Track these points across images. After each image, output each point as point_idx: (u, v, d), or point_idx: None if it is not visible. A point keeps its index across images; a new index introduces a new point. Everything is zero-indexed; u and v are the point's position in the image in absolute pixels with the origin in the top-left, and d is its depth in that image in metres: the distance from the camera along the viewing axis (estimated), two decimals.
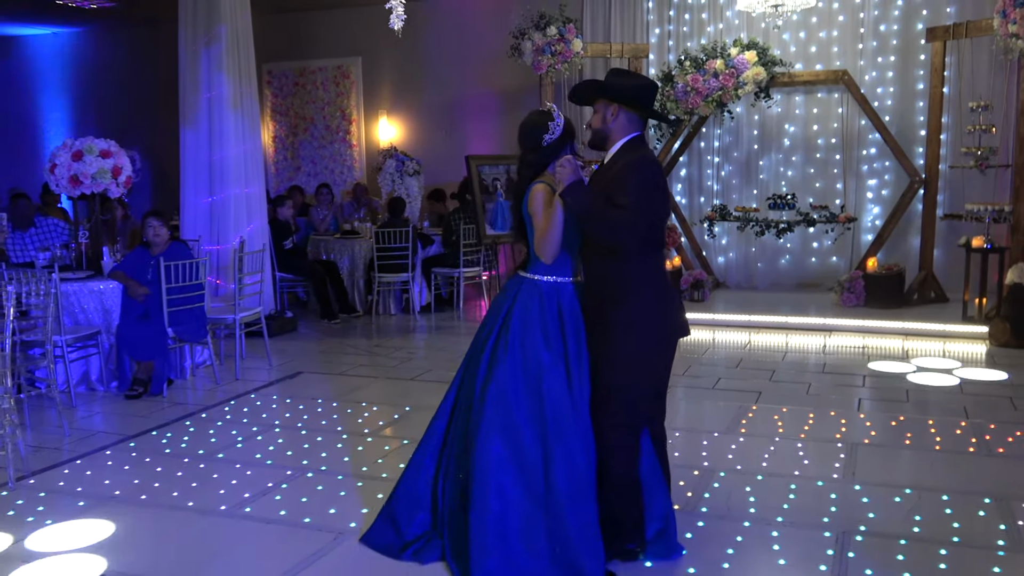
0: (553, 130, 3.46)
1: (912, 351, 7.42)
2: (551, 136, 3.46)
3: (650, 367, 3.44)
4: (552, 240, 3.34)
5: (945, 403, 5.91)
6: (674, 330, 3.50)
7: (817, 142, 9.74)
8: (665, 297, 3.44)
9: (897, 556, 3.60)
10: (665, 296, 3.44)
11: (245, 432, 5.43)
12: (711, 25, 9.94)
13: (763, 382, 6.47)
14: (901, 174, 9.16)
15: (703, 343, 7.93)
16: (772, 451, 4.91)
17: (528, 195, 3.44)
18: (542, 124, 3.48)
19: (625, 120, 3.43)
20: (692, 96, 9.01)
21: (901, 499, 4.19)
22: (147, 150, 12.42)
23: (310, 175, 12.28)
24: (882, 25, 9.36)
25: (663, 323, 3.43)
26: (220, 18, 7.96)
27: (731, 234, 10.06)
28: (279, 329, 8.38)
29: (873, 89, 9.35)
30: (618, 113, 3.43)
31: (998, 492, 4.26)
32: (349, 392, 6.34)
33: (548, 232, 3.33)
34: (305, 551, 3.73)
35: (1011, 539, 3.76)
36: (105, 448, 5.16)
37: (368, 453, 5.00)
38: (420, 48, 11.13)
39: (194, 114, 8.06)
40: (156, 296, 6.28)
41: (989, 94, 8.54)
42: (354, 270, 9.51)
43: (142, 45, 12.67)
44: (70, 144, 6.65)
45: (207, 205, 8.10)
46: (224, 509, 4.22)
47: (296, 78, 12.27)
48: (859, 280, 8.78)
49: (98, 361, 6.43)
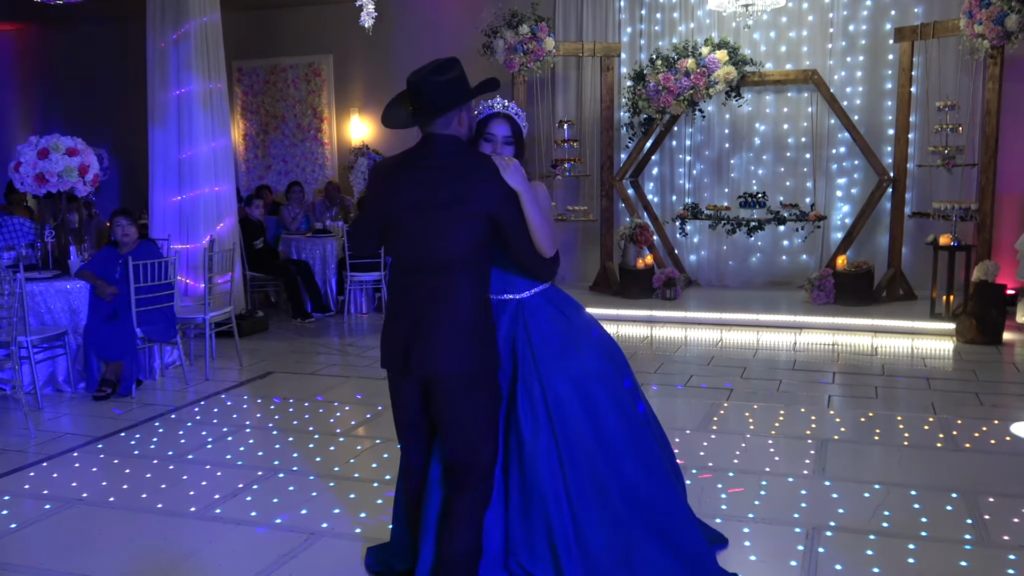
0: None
1: (881, 348, 7.50)
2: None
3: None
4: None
5: (913, 399, 5.99)
6: (384, 359, 3.02)
7: (787, 141, 9.81)
8: (388, 319, 3.02)
9: (867, 551, 3.64)
10: (388, 318, 3.02)
11: (215, 433, 5.38)
12: (682, 24, 9.98)
13: (734, 379, 6.51)
14: (870, 173, 9.25)
15: (675, 341, 7.97)
16: (743, 448, 4.94)
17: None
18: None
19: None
20: (664, 95, 9.05)
21: (870, 495, 4.23)
22: (115, 148, 12.27)
23: (281, 173, 12.19)
24: (851, 25, 9.45)
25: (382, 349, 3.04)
26: (189, 14, 7.88)
27: (703, 232, 10.12)
28: (250, 329, 8.31)
29: (842, 88, 9.44)
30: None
31: (965, 487, 4.32)
32: (321, 392, 6.30)
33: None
34: (277, 552, 3.70)
35: (978, 533, 3.81)
36: (72, 450, 5.09)
37: (340, 453, 4.97)
38: (391, 46, 11.09)
39: (163, 112, 7.98)
40: (124, 296, 6.20)
41: (956, 94, 8.65)
42: (326, 269, 9.46)
43: (110, 42, 12.50)
44: (35, 142, 6.55)
45: (176, 204, 8.02)
46: (194, 511, 4.18)
47: (267, 75, 12.16)
48: (829, 278, 8.86)
49: (65, 362, 6.35)
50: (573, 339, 3.15)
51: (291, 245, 9.59)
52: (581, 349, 3.15)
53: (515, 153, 3.12)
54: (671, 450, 3.53)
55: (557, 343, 3.12)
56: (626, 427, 3.13)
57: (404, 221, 2.91)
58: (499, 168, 2.90)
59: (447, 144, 2.91)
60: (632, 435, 3.14)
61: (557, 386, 3.07)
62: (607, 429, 3.10)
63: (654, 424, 3.40)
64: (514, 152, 3.12)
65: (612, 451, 3.09)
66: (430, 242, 2.87)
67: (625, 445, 3.11)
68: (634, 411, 3.21)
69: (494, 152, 3.05)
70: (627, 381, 3.27)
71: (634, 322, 8.71)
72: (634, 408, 3.22)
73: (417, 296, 2.91)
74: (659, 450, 3.27)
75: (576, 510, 3.04)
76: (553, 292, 3.24)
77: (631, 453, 3.12)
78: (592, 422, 3.09)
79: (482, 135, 3.10)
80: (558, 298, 3.24)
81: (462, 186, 2.86)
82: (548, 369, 3.08)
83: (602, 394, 3.12)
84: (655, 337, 8.14)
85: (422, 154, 2.93)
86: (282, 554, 3.69)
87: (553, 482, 3.03)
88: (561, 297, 3.26)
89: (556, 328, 3.14)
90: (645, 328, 8.50)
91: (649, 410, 3.39)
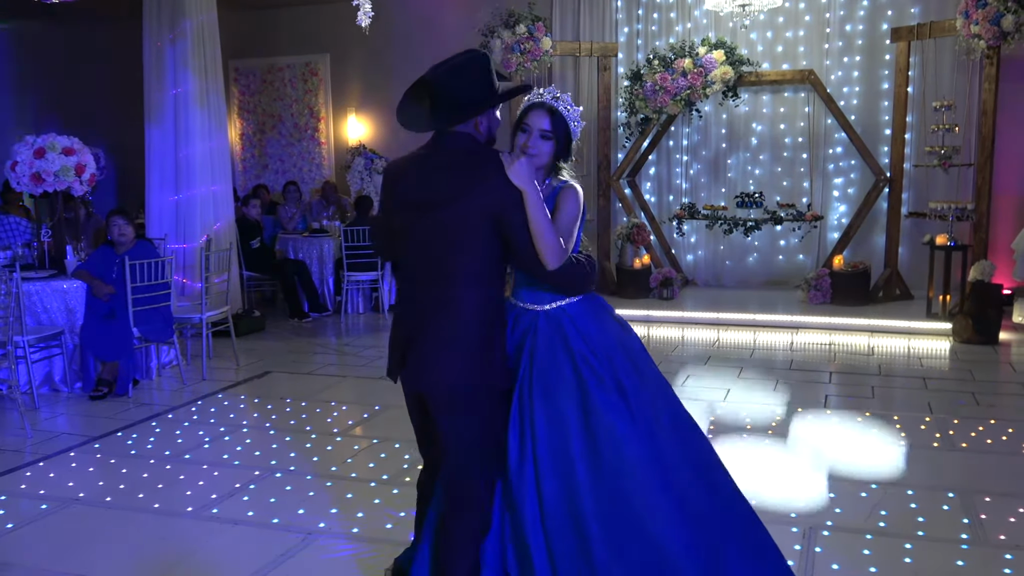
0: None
1: (878, 348, 7.51)
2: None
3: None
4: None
5: (910, 399, 5.99)
6: (391, 371, 2.90)
7: (784, 141, 9.82)
8: (391, 326, 2.91)
9: (863, 551, 3.64)
10: (392, 325, 2.91)
11: (212, 433, 5.38)
12: (679, 24, 9.98)
13: (731, 379, 6.52)
14: (866, 173, 9.26)
15: (672, 341, 7.97)
16: (740, 448, 4.94)
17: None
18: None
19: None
20: (661, 95, 9.05)
21: (867, 494, 4.24)
22: (111, 147, 12.23)
23: (278, 173, 12.17)
24: (848, 25, 9.45)
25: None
26: (185, 14, 7.86)
27: (700, 232, 10.12)
28: (247, 329, 8.30)
29: (839, 88, 9.45)
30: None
31: (961, 486, 4.32)
32: (318, 391, 6.30)
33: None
34: (273, 552, 3.70)
35: (974, 533, 3.82)
36: (69, 450, 5.08)
37: (337, 453, 4.97)
38: (389, 45, 11.07)
39: (159, 111, 7.96)
40: (121, 295, 6.20)
41: (952, 94, 8.66)
42: (323, 268, 9.46)
43: (106, 41, 12.48)
44: (32, 141, 6.54)
45: (173, 203, 8.01)
46: (191, 511, 4.17)
47: (263, 75, 12.15)
48: (826, 278, 8.87)
49: (61, 362, 6.33)
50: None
51: (288, 245, 9.58)
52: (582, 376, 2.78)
53: (556, 151, 2.82)
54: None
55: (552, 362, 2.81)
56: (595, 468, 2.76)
57: (407, 223, 2.74)
58: (504, 165, 2.66)
59: (456, 141, 2.73)
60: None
61: (538, 412, 2.78)
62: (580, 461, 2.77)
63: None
64: (553, 150, 2.81)
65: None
66: (433, 249, 2.70)
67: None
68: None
69: (525, 144, 2.79)
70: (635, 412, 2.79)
71: (631, 322, 8.62)
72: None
73: (417, 307, 2.76)
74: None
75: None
76: (580, 307, 2.87)
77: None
78: (568, 455, 2.75)
79: (520, 125, 2.84)
80: (584, 311, 2.88)
81: (463, 184, 2.67)
82: (536, 393, 2.78)
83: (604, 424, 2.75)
84: (652, 337, 8.15)
85: (431, 152, 2.77)
86: (279, 554, 3.68)
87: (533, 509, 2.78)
88: (590, 310, 2.90)
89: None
90: (642, 328, 8.50)
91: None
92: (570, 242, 2.76)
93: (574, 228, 2.79)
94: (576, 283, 2.82)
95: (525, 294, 2.88)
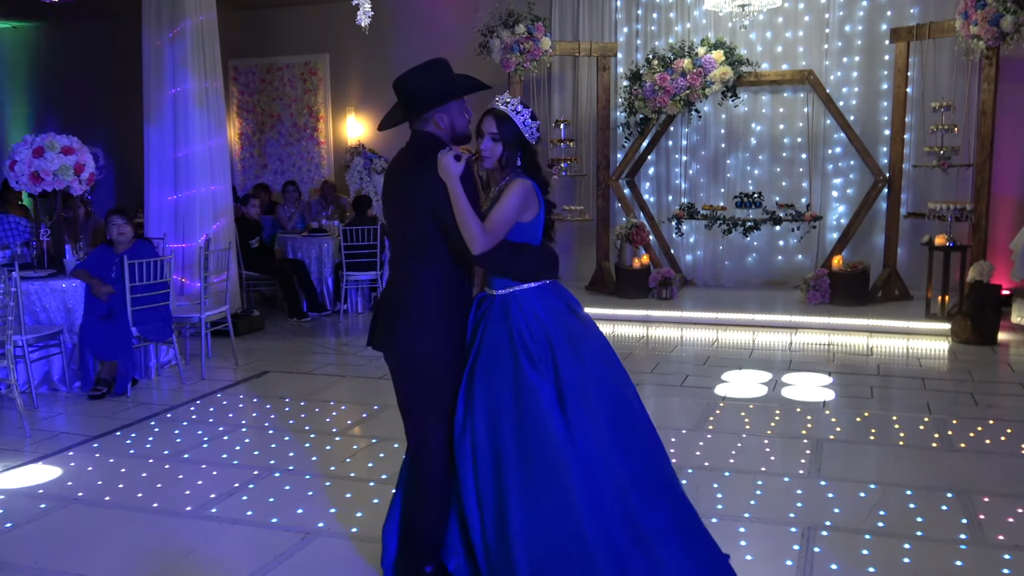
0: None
1: (877, 348, 7.52)
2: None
3: None
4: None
5: (909, 399, 6.00)
6: (368, 339, 3.23)
7: (783, 141, 9.82)
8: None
9: (862, 551, 3.64)
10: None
11: (211, 432, 5.38)
12: (679, 24, 9.98)
13: (730, 379, 6.51)
14: (866, 173, 9.26)
15: (671, 340, 7.98)
16: (739, 448, 4.95)
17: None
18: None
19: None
20: (660, 95, 9.05)
21: (866, 494, 4.24)
22: (110, 147, 12.24)
23: (277, 173, 12.17)
24: (847, 26, 9.46)
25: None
26: (184, 13, 7.86)
27: (699, 232, 10.12)
28: (246, 328, 8.30)
29: (838, 89, 9.45)
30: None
31: (960, 487, 4.33)
32: (316, 391, 6.30)
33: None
34: (272, 551, 3.70)
35: (973, 533, 3.82)
36: (68, 449, 5.08)
37: (336, 452, 4.97)
38: (388, 45, 11.07)
39: (158, 111, 7.96)
40: (120, 295, 6.19)
41: (951, 94, 8.66)
42: (322, 268, 9.46)
43: (105, 40, 12.47)
44: (31, 140, 6.53)
45: (172, 203, 8.00)
46: (190, 510, 4.17)
47: (263, 75, 12.15)
48: (824, 278, 8.87)
49: (60, 361, 6.33)
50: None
51: (287, 244, 9.58)
52: (510, 365, 2.98)
53: (505, 153, 3.08)
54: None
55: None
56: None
57: (384, 212, 3.17)
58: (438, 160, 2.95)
59: (418, 139, 3.06)
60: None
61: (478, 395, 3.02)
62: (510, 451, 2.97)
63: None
64: (502, 151, 3.08)
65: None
66: (397, 235, 3.10)
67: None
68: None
69: (478, 146, 3.10)
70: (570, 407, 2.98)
71: (630, 322, 8.72)
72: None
73: (391, 283, 3.15)
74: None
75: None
76: (530, 292, 3.07)
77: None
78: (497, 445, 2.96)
79: (477, 130, 3.14)
80: (532, 296, 3.07)
81: (410, 180, 3.01)
82: (478, 369, 3.02)
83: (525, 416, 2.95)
84: (651, 337, 8.15)
85: (402, 151, 3.12)
86: (278, 553, 3.68)
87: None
88: (538, 295, 3.08)
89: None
90: (641, 328, 8.50)
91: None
92: (499, 230, 2.97)
93: (507, 218, 2.99)
94: (510, 269, 3.06)
95: (493, 281, 3.13)
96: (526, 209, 3.05)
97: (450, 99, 3.04)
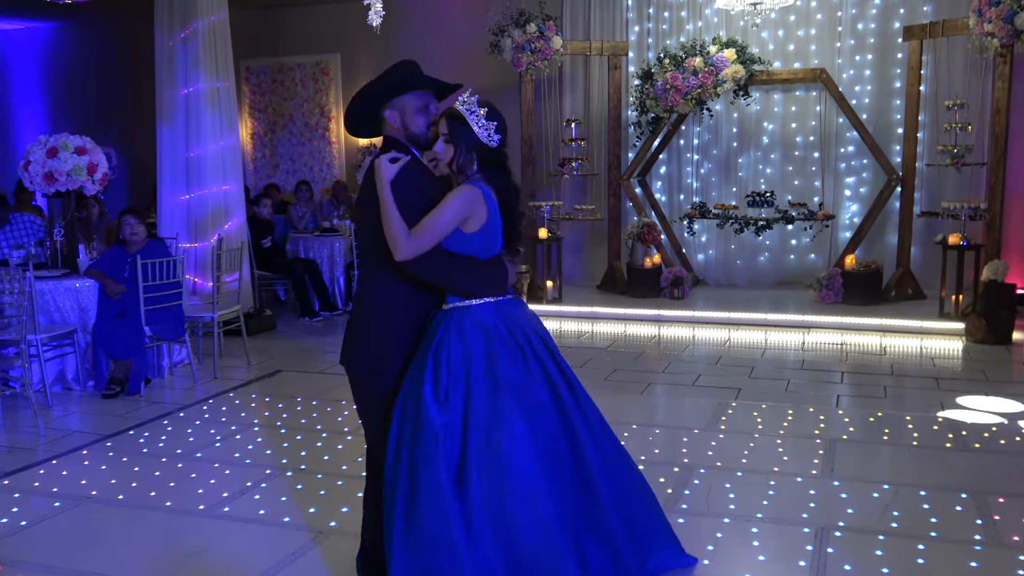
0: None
1: (890, 347, 7.48)
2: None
3: None
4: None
5: (922, 399, 5.96)
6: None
7: (795, 140, 9.78)
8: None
9: (875, 551, 3.63)
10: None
11: (224, 431, 5.39)
12: (690, 23, 9.96)
13: (742, 379, 6.50)
14: (878, 172, 9.22)
15: (683, 340, 7.96)
16: (751, 448, 4.93)
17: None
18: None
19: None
20: (671, 94, 9.03)
21: (879, 495, 4.22)
22: (123, 147, 12.28)
23: (288, 172, 12.20)
24: (859, 24, 9.41)
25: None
26: (197, 13, 7.89)
27: (710, 231, 10.10)
28: (258, 327, 8.33)
29: (851, 87, 9.41)
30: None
31: (974, 487, 4.30)
32: (328, 390, 6.31)
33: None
34: (285, 550, 3.71)
35: (987, 534, 3.80)
36: (81, 448, 5.10)
37: (348, 451, 4.97)
38: (399, 45, 11.07)
39: (171, 111, 7.99)
40: (133, 294, 6.22)
41: (965, 92, 8.61)
42: (334, 268, 9.48)
43: (118, 41, 12.52)
44: (44, 141, 6.57)
45: (184, 203, 8.04)
46: (202, 509, 4.18)
47: (274, 74, 12.18)
48: (837, 277, 8.83)
49: (74, 360, 6.36)
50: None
51: (299, 244, 9.61)
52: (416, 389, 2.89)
53: (457, 155, 2.94)
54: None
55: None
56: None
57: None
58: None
59: (383, 143, 3.07)
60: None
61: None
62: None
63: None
64: (454, 153, 2.94)
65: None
66: (359, 239, 3.10)
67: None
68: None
69: (434, 148, 3.01)
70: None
71: (642, 321, 8.70)
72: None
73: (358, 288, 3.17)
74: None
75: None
76: (465, 313, 2.93)
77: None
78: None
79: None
80: (467, 316, 2.94)
81: (364, 183, 3.00)
82: (401, 394, 2.95)
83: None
84: (663, 336, 8.13)
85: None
86: (290, 552, 3.69)
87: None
88: (471, 316, 2.94)
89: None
90: (653, 327, 8.49)
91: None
92: (425, 238, 2.81)
93: (437, 226, 2.83)
94: (441, 281, 2.93)
95: (447, 296, 3.00)
96: (469, 217, 2.87)
97: (394, 95, 2.99)
